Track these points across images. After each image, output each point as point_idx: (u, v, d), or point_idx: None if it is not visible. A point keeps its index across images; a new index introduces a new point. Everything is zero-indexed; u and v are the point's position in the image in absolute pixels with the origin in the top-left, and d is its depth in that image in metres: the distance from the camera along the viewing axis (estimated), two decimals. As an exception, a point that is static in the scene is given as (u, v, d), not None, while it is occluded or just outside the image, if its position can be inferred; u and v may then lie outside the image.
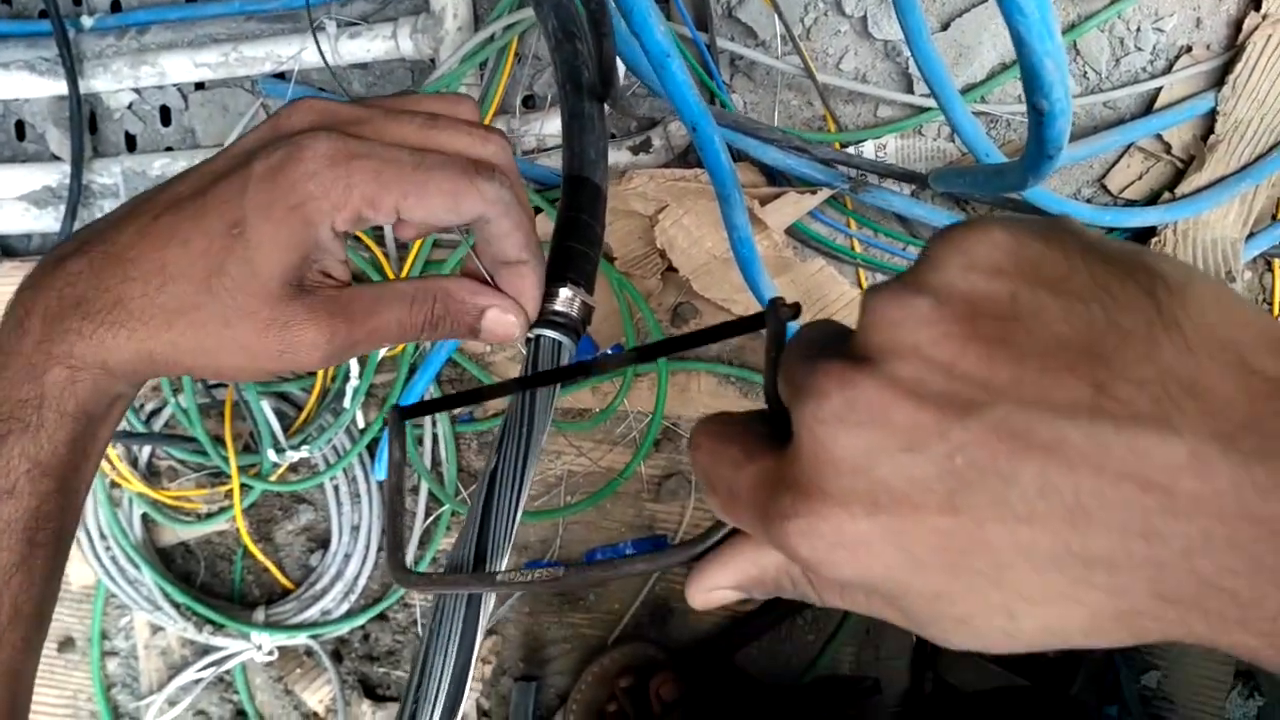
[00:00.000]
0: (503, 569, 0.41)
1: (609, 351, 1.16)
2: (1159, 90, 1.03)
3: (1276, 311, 1.04)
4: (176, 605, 1.26)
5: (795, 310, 0.33)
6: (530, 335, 0.47)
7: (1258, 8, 1.00)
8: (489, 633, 1.23)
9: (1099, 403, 0.24)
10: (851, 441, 0.25)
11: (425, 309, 0.43)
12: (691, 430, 0.33)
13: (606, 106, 0.63)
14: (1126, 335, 0.24)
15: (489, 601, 0.45)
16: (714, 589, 0.34)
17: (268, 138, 0.40)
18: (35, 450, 0.40)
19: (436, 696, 0.43)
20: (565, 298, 0.48)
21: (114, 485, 1.26)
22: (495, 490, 0.44)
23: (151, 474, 1.29)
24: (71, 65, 1.21)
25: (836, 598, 0.30)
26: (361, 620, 1.26)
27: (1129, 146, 1.05)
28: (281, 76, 1.20)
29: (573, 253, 0.52)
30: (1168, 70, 1.03)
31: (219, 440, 1.21)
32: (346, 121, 0.40)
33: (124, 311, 0.39)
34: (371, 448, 1.22)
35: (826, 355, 0.27)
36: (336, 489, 1.24)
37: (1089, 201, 1.06)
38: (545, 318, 0.48)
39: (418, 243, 1.13)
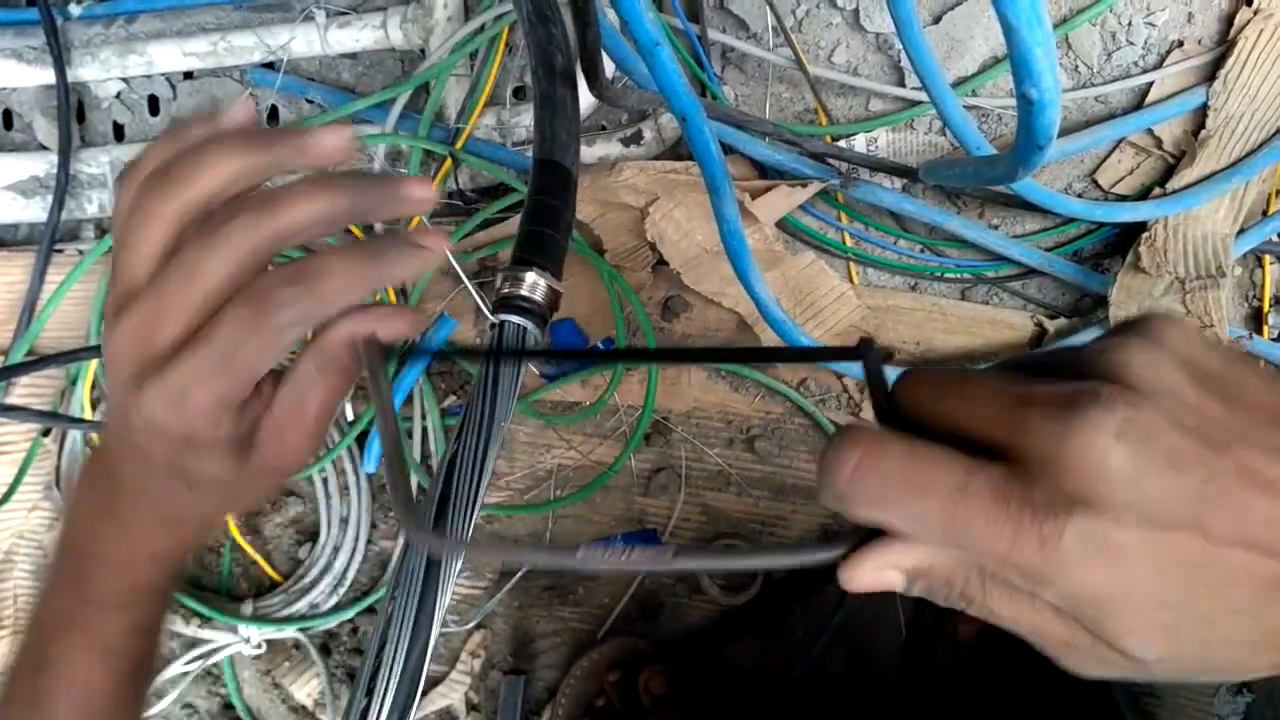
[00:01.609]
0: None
1: (599, 346, 1.16)
2: (1150, 85, 1.03)
3: (1266, 308, 1.04)
4: (164, 598, 1.25)
5: (889, 355, 0.34)
6: (495, 320, 0.47)
7: (1249, 3, 1.00)
8: (478, 627, 1.22)
9: None
10: (1127, 456, 0.28)
11: (333, 374, 0.43)
12: (835, 443, 0.32)
13: (594, 98, 0.63)
14: None
15: (442, 602, 0.44)
16: (886, 569, 0.34)
17: (119, 403, 0.42)
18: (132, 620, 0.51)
19: (388, 691, 0.42)
20: (530, 282, 0.47)
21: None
22: (455, 473, 0.44)
23: (139, 466, 1.28)
24: (59, 54, 1.20)
25: (1014, 608, 0.33)
26: (350, 614, 1.25)
27: (1120, 141, 1.05)
28: (271, 66, 1.20)
29: (540, 237, 0.51)
30: (1159, 65, 1.03)
31: (207, 432, 1.20)
32: (145, 340, 0.39)
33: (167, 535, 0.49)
34: (360, 440, 1.21)
35: (1086, 378, 0.31)
36: (325, 481, 1.23)
37: (1080, 196, 1.06)
38: (511, 303, 0.46)
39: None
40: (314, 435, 0.44)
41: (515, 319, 0.47)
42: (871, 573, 0.34)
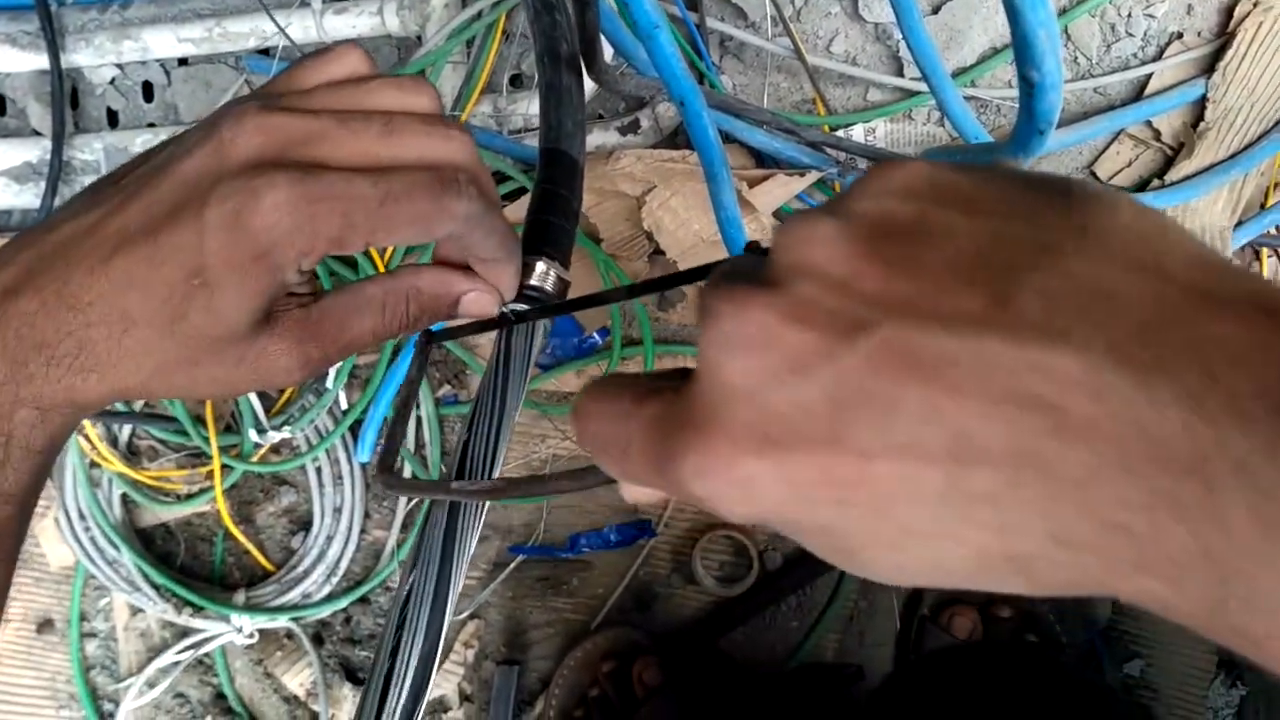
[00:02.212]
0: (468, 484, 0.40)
1: (595, 336, 1.15)
2: (1149, 77, 1.03)
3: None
4: (156, 587, 1.25)
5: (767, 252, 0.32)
6: (506, 310, 0.47)
7: (1249, -6, 0.99)
8: (471, 616, 1.22)
9: (991, 313, 0.22)
10: (743, 365, 0.24)
11: (399, 311, 0.41)
12: (574, 399, 0.31)
13: (593, 83, 0.62)
14: (1036, 246, 0.23)
15: (459, 579, 0.44)
16: (638, 493, 0.32)
17: (214, 168, 0.37)
18: (0, 482, 0.39)
19: (404, 682, 0.42)
20: (540, 272, 0.48)
21: (94, 465, 1.25)
22: (468, 460, 0.44)
23: (131, 454, 1.27)
24: (53, 39, 1.19)
25: (741, 521, 0.27)
26: (343, 603, 1.25)
27: (1119, 133, 1.04)
28: (266, 53, 1.19)
29: (549, 226, 0.51)
30: (1158, 57, 1.03)
31: (200, 420, 1.20)
32: (299, 142, 0.37)
33: (90, 357, 0.37)
34: (354, 429, 1.21)
35: (731, 280, 0.25)
36: (319, 471, 1.23)
37: (1078, 188, 1.06)
38: (520, 293, 0.46)
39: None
40: (330, 356, 0.40)
41: (526, 308, 0.47)
42: (631, 494, 0.32)
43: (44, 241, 0.38)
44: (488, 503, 0.45)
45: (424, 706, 0.43)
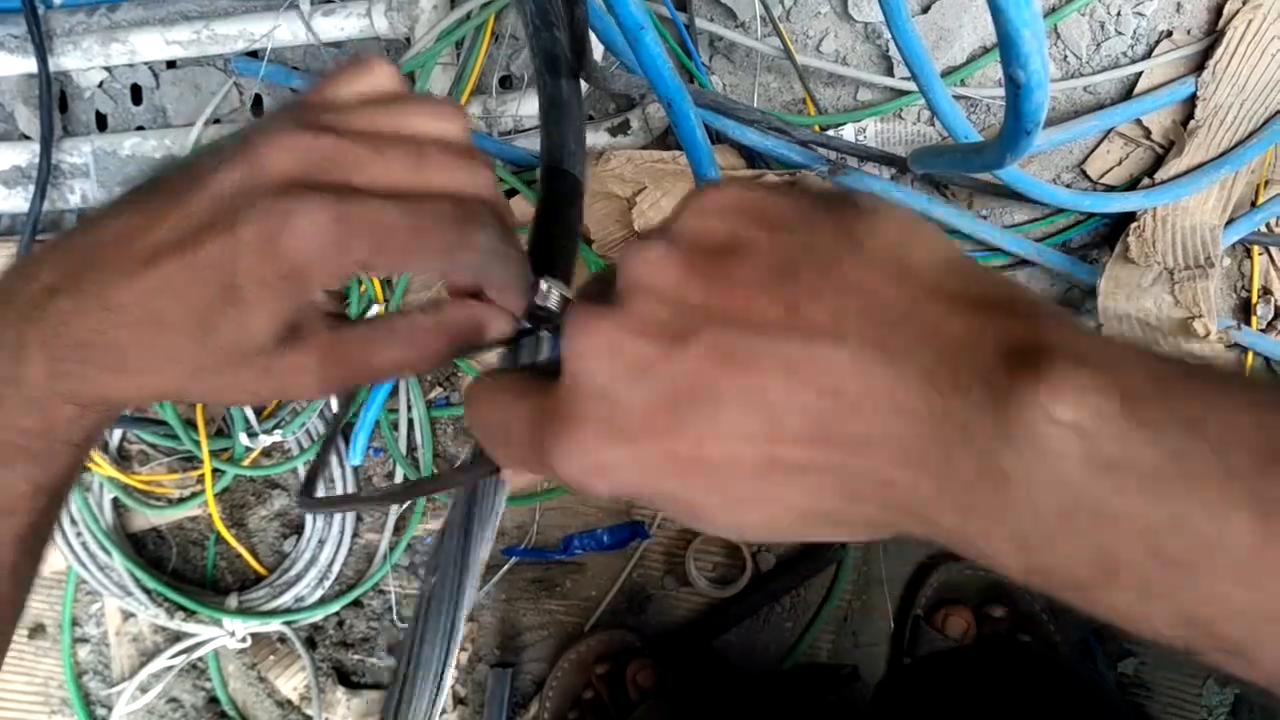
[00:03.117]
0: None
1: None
2: (1139, 75, 1.03)
3: (1254, 299, 1.04)
4: (148, 591, 1.24)
5: None
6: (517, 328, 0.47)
7: (1238, -8, 0.99)
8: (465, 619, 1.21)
9: (789, 319, 0.27)
10: (596, 372, 0.29)
11: (427, 347, 0.42)
12: (464, 389, 0.35)
13: (583, 84, 0.62)
14: (819, 258, 0.28)
15: (470, 592, 0.45)
16: (518, 479, 0.38)
17: (248, 185, 0.37)
18: (40, 474, 0.41)
19: (427, 677, 0.44)
20: (543, 291, 0.48)
21: (84, 469, 1.24)
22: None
23: (122, 458, 1.27)
24: (41, 43, 1.19)
25: (607, 496, 0.32)
26: (336, 607, 1.24)
27: (1109, 132, 1.04)
28: (254, 55, 1.19)
29: (552, 246, 0.51)
30: (1148, 55, 1.03)
31: (190, 424, 1.20)
32: (332, 164, 0.38)
33: (123, 358, 0.39)
34: (346, 432, 1.21)
35: (585, 299, 0.31)
36: (310, 474, 1.22)
37: (1068, 187, 1.06)
38: (526, 312, 0.47)
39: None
40: (350, 380, 0.41)
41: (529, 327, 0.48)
42: (512, 479, 0.37)
43: (85, 243, 0.40)
44: (501, 510, 0.46)
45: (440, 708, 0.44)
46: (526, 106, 1.11)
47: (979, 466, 0.25)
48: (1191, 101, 1.01)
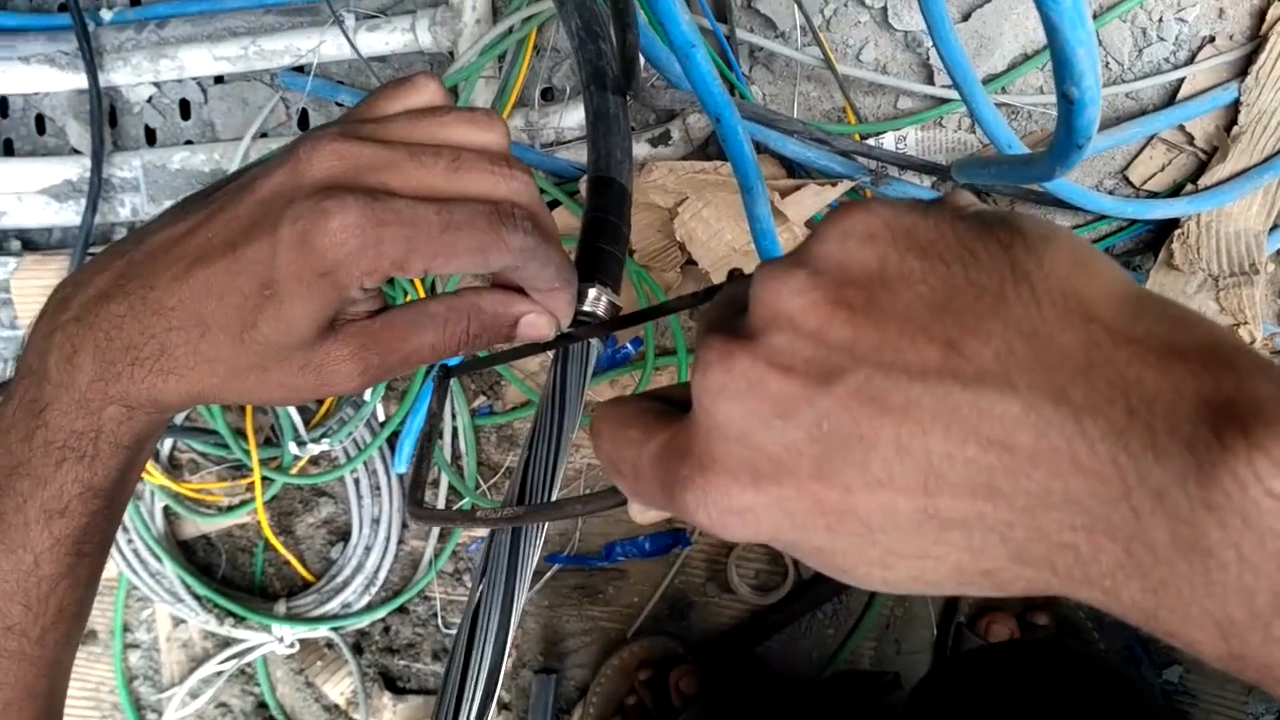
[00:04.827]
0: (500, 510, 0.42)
1: (628, 346, 1.16)
2: (1181, 81, 1.02)
3: (1300, 303, 1.03)
4: (198, 598, 1.27)
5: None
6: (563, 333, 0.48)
7: (1283, -3, 0.99)
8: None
9: (948, 362, 0.24)
10: (733, 411, 0.27)
11: (459, 329, 0.43)
12: (592, 417, 0.34)
13: (628, 98, 0.63)
14: (980, 292, 0.25)
15: (521, 596, 0.46)
16: (646, 512, 0.35)
17: (289, 188, 0.39)
18: (90, 476, 0.42)
19: (476, 684, 0.44)
20: (593, 298, 0.49)
21: (140, 479, 1.27)
22: (528, 478, 0.45)
23: (173, 467, 1.29)
24: (91, 59, 1.21)
25: (742, 542, 0.32)
26: (382, 613, 1.26)
27: (1151, 138, 1.04)
28: (300, 70, 1.21)
29: (600, 253, 0.52)
30: (1190, 61, 1.02)
31: (240, 433, 1.22)
32: (370, 168, 0.39)
33: (171, 360, 0.40)
34: (391, 441, 1.22)
35: (717, 330, 0.28)
36: (357, 482, 1.24)
37: (1111, 193, 1.06)
38: (574, 318, 0.48)
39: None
40: (389, 365, 0.42)
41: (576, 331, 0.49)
42: (639, 515, 0.35)
43: (136, 250, 0.41)
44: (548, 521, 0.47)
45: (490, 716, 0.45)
46: (568, 118, 1.12)
47: (1175, 538, 0.22)
48: (1235, 107, 1.01)
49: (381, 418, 1.22)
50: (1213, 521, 0.21)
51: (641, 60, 0.95)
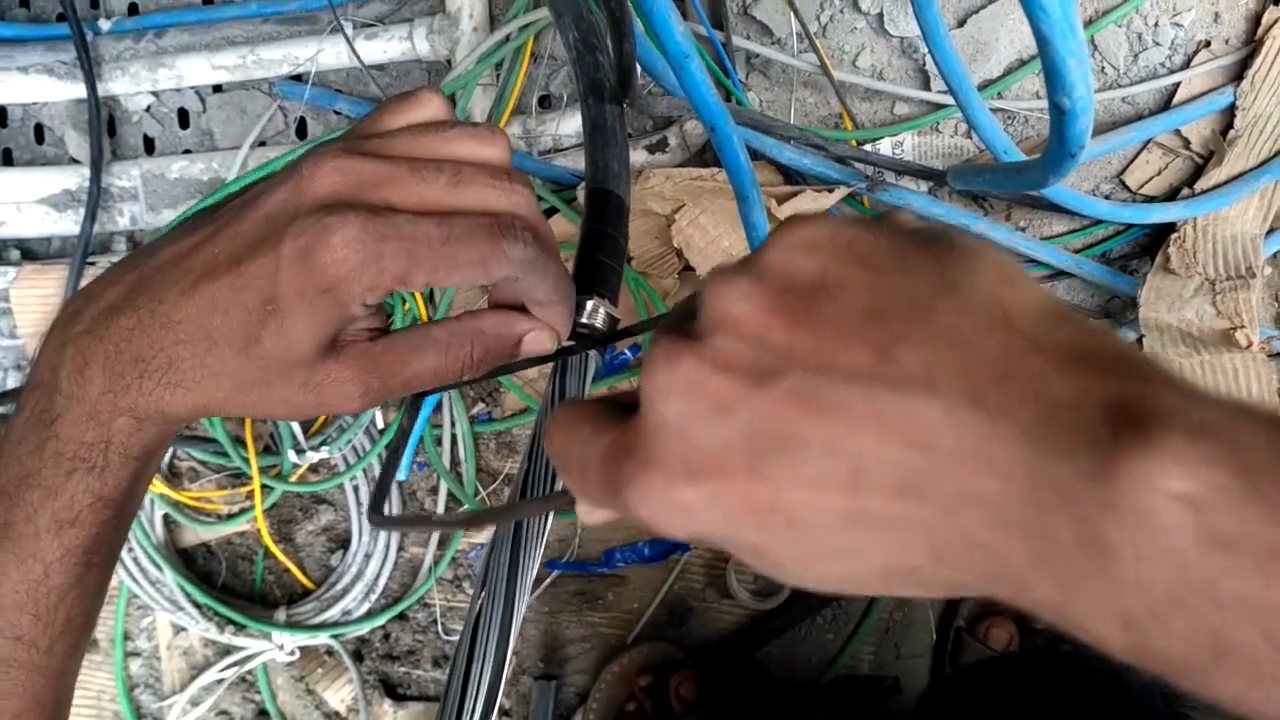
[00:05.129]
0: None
1: (626, 352, 1.16)
2: (1177, 85, 1.03)
3: (1297, 307, 1.04)
4: (198, 606, 1.27)
5: None
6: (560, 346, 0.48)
7: (1276, 2, 0.99)
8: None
9: (879, 367, 0.25)
10: (676, 409, 0.28)
11: (462, 354, 0.43)
12: (549, 417, 0.35)
13: (625, 107, 0.64)
14: (913, 302, 0.26)
15: (522, 604, 0.46)
16: (593, 512, 0.35)
17: (292, 205, 0.39)
18: (100, 486, 0.43)
19: (477, 695, 0.45)
20: (590, 309, 0.49)
21: (147, 490, 1.27)
22: (527, 488, 0.45)
23: (172, 475, 1.29)
24: (89, 68, 1.21)
25: (681, 539, 0.31)
26: (382, 620, 1.26)
27: (1148, 142, 1.04)
28: (298, 78, 1.21)
29: (598, 266, 0.53)
30: (1186, 65, 1.03)
31: (239, 441, 1.22)
32: (371, 184, 0.39)
33: (178, 373, 0.41)
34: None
35: (669, 331, 0.29)
36: (356, 489, 1.24)
37: (1108, 198, 1.06)
38: (572, 330, 0.48)
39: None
40: (389, 388, 0.42)
41: (574, 344, 0.49)
42: (587, 515, 0.35)
43: (145, 265, 0.42)
44: (549, 526, 0.47)
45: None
46: (565, 126, 1.12)
47: (1080, 537, 0.23)
48: (1230, 111, 1.01)
49: (381, 425, 1.22)
50: (1111, 519, 0.22)
51: (638, 69, 0.95)
